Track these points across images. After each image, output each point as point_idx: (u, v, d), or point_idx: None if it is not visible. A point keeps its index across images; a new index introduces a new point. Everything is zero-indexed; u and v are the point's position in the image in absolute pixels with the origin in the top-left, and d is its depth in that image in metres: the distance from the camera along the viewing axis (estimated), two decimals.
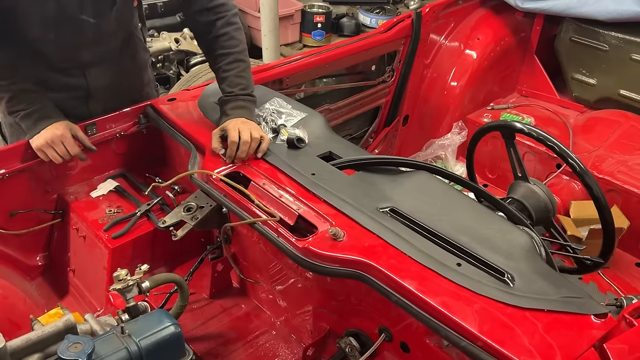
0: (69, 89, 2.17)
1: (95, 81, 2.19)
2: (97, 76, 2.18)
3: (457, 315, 1.37)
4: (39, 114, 2.01)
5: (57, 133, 1.99)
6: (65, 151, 2.01)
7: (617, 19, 3.08)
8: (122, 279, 1.52)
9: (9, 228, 2.14)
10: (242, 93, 2.05)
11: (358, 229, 1.64)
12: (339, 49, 2.83)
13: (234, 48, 2.06)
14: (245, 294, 2.20)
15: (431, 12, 3.16)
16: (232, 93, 2.04)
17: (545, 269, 1.56)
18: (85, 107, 2.24)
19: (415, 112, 3.44)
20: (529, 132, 2.11)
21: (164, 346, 1.37)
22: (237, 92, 2.04)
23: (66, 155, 2.02)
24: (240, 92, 2.04)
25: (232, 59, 2.06)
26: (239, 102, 2.03)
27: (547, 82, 3.54)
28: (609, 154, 2.97)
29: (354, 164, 1.94)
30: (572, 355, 1.31)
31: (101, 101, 2.25)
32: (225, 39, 2.05)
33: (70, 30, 2.01)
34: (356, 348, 1.72)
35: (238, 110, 2.01)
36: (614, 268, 2.73)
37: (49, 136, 1.98)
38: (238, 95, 2.04)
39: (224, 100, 2.05)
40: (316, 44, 5.55)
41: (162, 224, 1.98)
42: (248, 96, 2.06)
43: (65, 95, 2.17)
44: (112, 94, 2.26)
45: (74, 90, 2.18)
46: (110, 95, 2.26)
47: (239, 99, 2.04)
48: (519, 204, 2.17)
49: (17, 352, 1.37)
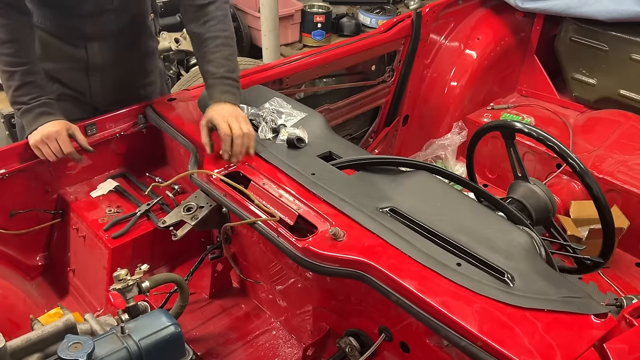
0: (70, 59, 2.20)
1: (95, 56, 2.21)
2: (97, 51, 2.20)
3: (457, 315, 1.37)
4: (39, 109, 2.01)
5: (53, 130, 1.99)
6: (59, 149, 2.00)
7: (617, 19, 3.07)
8: (122, 279, 1.52)
9: (9, 228, 2.14)
10: (229, 76, 2.02)
11: (358, 228, 1.64)
12: (339, 49, 2.83)
13: (223, 32, 2.06)
14: (245, 294, 2.20)
15: (431, 12, 3.16)
16: (217, 74, 2.02)
17: (545, 269, 1.56)
18: (86, 82, 2.26)
19: (415, 112, 3.44)
20: (529, 132, 2.11)
21: (164, 346, 1.37)
22: (222, 73, 2.02)
23: (59, 152, 2.01)
24: (226, 74, 2.02)
25: (219, 42, 2.04)
26: (225, 86, 2.01)
27: (547, 82, 3.54)
28: (609, 154, 2.97)
29: (354, 164, 1.94)
30: (572, 355, 1.31)
31: (99, 78, 2.26)
32: (213, 23, 2.05)
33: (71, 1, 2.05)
34: (356, 348, 1.72)
35: (225, 95, 1.99)
36: (614, 268, 2.73)
37: (44, 133, 1.98)
38: (224, 78, 2.02)
39: (210, 83, 2.03)
40: (316, 44, 5.54)
41: (162, 224, 1.98)
42: (234, 81, 2.04)
43: (66, 65, 2.20)
44: (112, 72, 2.28)
45: (75, 61, 2.21)
46: (111, 73, 2.28)
47: (224, 83, 2.01)
48: (519, 204, 2.17)
49: (17, 352, 1.37)
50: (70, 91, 2.27)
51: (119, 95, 2.33)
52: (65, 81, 2.24)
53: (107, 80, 2.29)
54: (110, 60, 2.24)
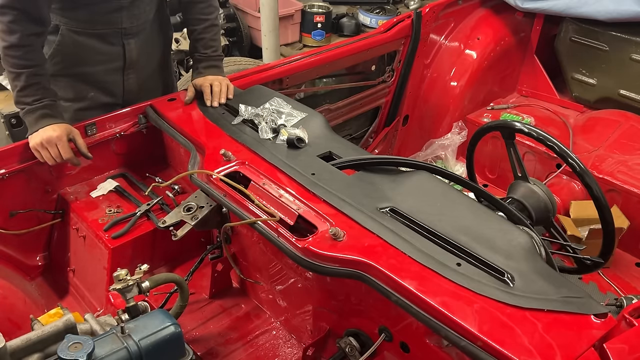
0: (107, 60, 2.26)
1: (132, 52, 2.29)
2: (134, 47, 2.29)
3: (457, 315, 1.37)
4: (42, 111, 2.03)
5: (53, 135, 2.01)
6: (58, 154, 2.03)
7: (617, 19, 3.07)
8: (122, 279, 1.53)
9: (9, 228, 2.14)
10: (215, 55, 2.41)
11: (358, 228, 1.64)
12: (339, 49, 2.83)
13: (210, 15, 2.39)
14: (245, 294, 2.20)
15: (431, 12, 3.16)
16: (205, 54, 2.39)
17: (545, 269, 1.56)
18: (120, 82, 2.34)
19: (415, 112, 3.44)
20: (529, 132, 2.11)
21: (164, 346, 1.37)
22: (210, 53, 2.39)
23: (58, 158, 2.04)
24: (212, 54, 2.40)
25: (208, 24, 2.38)
26: (211, 62, 2.39)
27: (547, 82, 3.54)
28: (609, 154, 2.97)
29: (354, 164, 1.94)
30: (572, 355, 1.31)
31: (134, 75, 2.35)
32: (203, 6, 2.37)
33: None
34: (356, 348, 1.72)
35: (210, 69, 2.36)
36: (613, 268, 2.73)
37: (45, 137, 2.01)
38: (211, 56, 2.39)
39: (197, 59, 2.40)
40: (316, 44, 5.54)
41: (162, 224, 1.98)
42: (218, 57, 2.42)
43: (102, 68, 2.27)
44: (145, 69, 2.39)
45: (112, 61, 2.27)
46: (144, 70, 2.39)
47: (211, 59, 2.39)
48: (519, 204, 2.17)
49: (17, 352, 1.38)
50: (103, 95, 2.32)
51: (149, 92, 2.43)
52: (100, 85, 2.30)
53: (140, 77, 2.38)
54: (144, 56, 2.35)
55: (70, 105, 2.29)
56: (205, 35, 2.37)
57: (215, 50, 2.41)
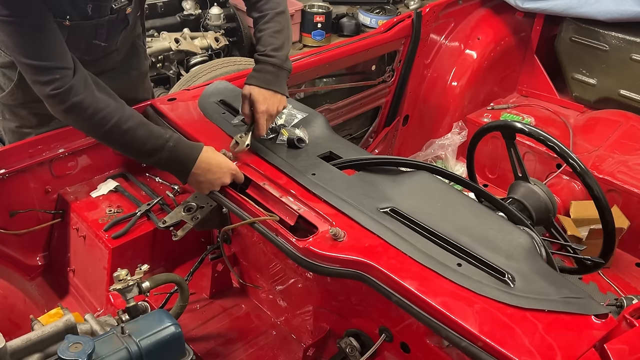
0: None
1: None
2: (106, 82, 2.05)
3: (458, 316, 1.37)
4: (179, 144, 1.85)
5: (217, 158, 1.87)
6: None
7: (617, 19, 3.08)
8: (122, 279, 1.52)
9: (9, 228, 2.13)
10: (274, 54, 1.97)
11: (358, 229, 1.64)
12: (339, 49, 2.83)
13: (272, 10, 2.03)
14: (246, 294, 2.20)
15: (431, 12, 3.16)
16: (264, 52, 1.98)
17: (546, 269, 1.56)
18: None
19: (415, 112, 3.44)
20: (530, 132, 2.11)
21: (164, 346, 1.37)
22: (268, 51, 1.97)
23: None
24: (272, 53, 1.97)
25: (267, 19, 2.02)
26: (268, 65, 1.97)
27: (547, 82, 3.54)
28: (609, 154, 2.97)
29: (354, 164, 1.94)
30: (573, 355, 1.31)
31: None
32: (263, 2, 2.04)
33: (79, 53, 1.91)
34: (356, 348, 1.72)
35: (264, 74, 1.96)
36: (614, 268, 2.73)
37: (214, 163, 1.85)
38: (269, 56, 1.97)
39: (255, 58, 2.01)
40: (316, 44, 5.54)
41: (162, 224, 1.98)
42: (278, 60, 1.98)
43: None
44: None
45: None
46: None
47: (268, 62, 1.97)
48: (519, 204, 2.17)
49: (17, 352, 1.37)
50: None
51: None
52: None
53: None
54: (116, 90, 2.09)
55: (32, 132, 2.20)
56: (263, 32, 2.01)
57: (276, 49, 1.98)
